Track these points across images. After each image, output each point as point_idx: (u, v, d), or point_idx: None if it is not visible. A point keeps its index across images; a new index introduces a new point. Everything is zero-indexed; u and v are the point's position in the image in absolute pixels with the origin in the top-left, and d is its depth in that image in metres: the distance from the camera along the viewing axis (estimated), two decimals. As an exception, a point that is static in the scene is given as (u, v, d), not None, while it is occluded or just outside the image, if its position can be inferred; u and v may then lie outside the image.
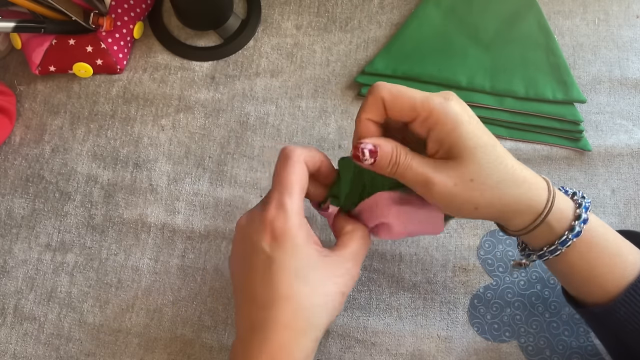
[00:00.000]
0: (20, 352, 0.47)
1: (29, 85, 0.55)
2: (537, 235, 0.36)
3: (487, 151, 0.34)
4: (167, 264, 0.49)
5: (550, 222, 0.35)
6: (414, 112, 0.34)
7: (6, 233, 0.50)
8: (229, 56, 0.55)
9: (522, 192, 0.34)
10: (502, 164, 0.34)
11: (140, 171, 0.52)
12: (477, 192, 0.34)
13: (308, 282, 0.33)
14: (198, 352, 0.46)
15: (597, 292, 0.36)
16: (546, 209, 0.35)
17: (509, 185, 0.34)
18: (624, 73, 0.53)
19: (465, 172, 0.33)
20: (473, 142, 0.33)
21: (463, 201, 0.34)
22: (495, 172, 0.34)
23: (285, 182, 0.35)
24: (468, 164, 0.33)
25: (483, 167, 0.33)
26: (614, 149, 0.51)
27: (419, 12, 0.54)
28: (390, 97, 0.34)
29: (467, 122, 0.33)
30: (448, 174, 0.33)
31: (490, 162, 0.34)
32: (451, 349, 0.45)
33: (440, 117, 0.33)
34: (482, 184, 0.33)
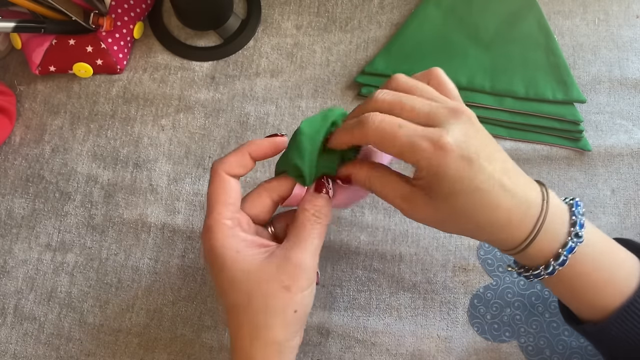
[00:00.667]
0: (20, 352, 0.47)
1: (29, 85, 0.55)
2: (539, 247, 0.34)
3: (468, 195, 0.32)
4: (167, 264, 0.49)
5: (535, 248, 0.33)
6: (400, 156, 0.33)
7: (6, 233, 0.50)
8: (229, 56, 0.55)
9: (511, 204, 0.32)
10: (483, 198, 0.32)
11: (140, 171, 0.52)
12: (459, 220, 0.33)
13: (242, 289, 0.34)
14: (198, 352, 0.46)
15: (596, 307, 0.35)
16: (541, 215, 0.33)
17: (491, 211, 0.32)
18: (624, 73, 0.53)
19: (436, 212, 0.33)
20: (459, 186, 0.31)
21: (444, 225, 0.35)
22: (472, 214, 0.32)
23: (208, 202, 0.35)
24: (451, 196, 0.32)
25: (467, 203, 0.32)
26: (613, 149, 0.51)
27: (419, 12, 0.54)
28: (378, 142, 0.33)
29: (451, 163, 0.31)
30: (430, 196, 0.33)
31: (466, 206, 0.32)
32: (451, 349, 0.45)
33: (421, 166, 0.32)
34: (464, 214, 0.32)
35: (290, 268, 0.33)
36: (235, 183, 0.36)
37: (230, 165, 0.36)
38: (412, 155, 0.32)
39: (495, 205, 0.32)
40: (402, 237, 0.49)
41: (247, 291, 0.34)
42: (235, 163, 0.36)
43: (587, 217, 0.44)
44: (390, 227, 0.49)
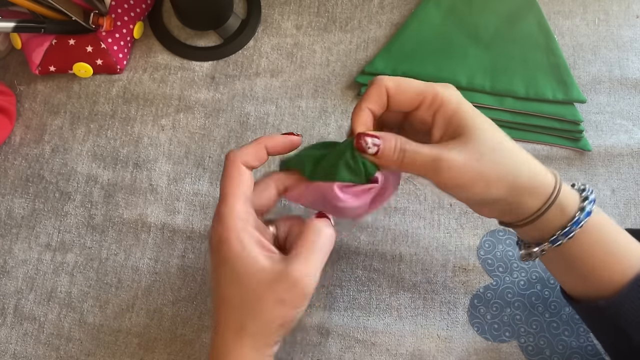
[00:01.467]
0: (20, 352, 0.47)
1: (29, 85, 0.55)
2: (550, 218, 0.35)
3: (493, 130, 0.34)
4: (167, 264, 0.49)
5: (562, 202, 0.34)
6: (420, 96, 0.35)
7: (6, 233, 0.50)
8: (229, 56, 0.55)
9: (531, 169, 0.34)
10: (509, 144, 0.35)
11: (140, 171, 0.52)
12: (487, 166, 0.33)
13: (241, 286, 0.33)
14: (198, 352, 0.46)
15: (605, 282, 0.35)
16: (556, 188, 0.34)
17: (517, 162, 0.34)
18: (624, 73, 0.53)
19: (475, 148, 0.33)
20: (479, 119, 0.34)
21: (474, 177, 0.33)
22: (503, 149, 0.34)
23: (222, 190, 0.35)
24: (477, 139, 0.33)
25: (492, 143, 0.34)
26: (614, 149, 0.51)
27: (419, 12, 0.54)
28: (394, 86, 0.35)
29: (468, 106, 0.34)
30: (458, 150, 0.33)
31: (497, 139, 0.34)
32: (451, 349, 0.45)
33: (444, 98, 0.34)
34: (492, 159, 0.33)
35: (289, 283, 0.32)
36: (249, 175, 0.35)
37: (247, 155, 0.35)
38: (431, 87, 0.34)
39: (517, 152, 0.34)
40: (402, 237, 0.49)
41: (243, 291, 0.33)
42: (252, 154, 0.36)
43: None
44: (390, 227, 0.49)
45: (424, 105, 0.35)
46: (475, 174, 0.33)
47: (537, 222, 0.35)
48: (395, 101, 0.35)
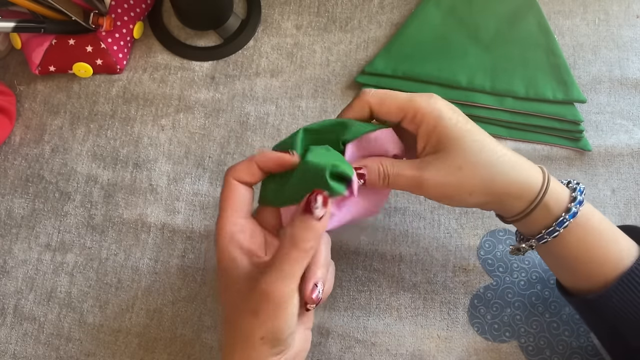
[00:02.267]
0: (20, 352, 0.47)
1: (29, 85, 0.55)
2: (535, 218, 0.37)
3: (472, 138, 0.35)
4: (167, 264, 0.49)
5: (547, 203, 0.36)
6: (401, 112, 0.36)
7: (6, 233, 0.50)
8: (229, 56, 0.55)
9: (515, 175, 0.36)
10: (490, 149, 0.36)
11: (140, 171, 0.52)
12: (467, 178, 0.35)
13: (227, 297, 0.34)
14: (198, 352, 0.46)
15: (593, 277, 0.37)
16: (542, 190, 0.36)
17: (499, 168, 0.35)
18: (624, 73, 0.53)
19: (453, 161, 0.35)
20: (457, 131, 0.35)
21: (456, 189, 0.35)
22: (482, 156, 0.35)
23: (220, 205, 0.36)
24: (455, 152, 0.35)
25: (470, 154, 0.35)
26: (614, 149, 0.51)
27: (419, 12, 0.54)
28: (377, 102, 0.37)
29: (450, 115, 0.36)
30: (437, 167, 0.35)
31: (476, 148, 0.35)
32: (451, 349, 0.45)
33: (425, 113, 0.35)
34: (471, 170, 0.35)
35: (258, 294, 0.32)
36: (243, 189, 0.36)
37: (239, 172, 0.36)
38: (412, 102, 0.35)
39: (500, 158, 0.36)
40: (402, 237, 0.49)
41: (228, 302, 0.34)
42: (243, 171, 0.36)
43: None
44: (390, 227, 0.49)
45: (406, 119, 0.36)
46: (455, 187, 0.35)
47: (524, 221, 0.37)
48: (379, 114, 0.37)
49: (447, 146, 0.35)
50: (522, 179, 0.36)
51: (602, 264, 0.36)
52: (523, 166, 0.36)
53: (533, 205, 0.36)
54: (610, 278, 0.36)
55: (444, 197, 0.36)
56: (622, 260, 0.36)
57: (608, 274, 0.36)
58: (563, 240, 0.37)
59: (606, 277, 0.36)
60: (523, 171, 0.36)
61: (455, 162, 0.35)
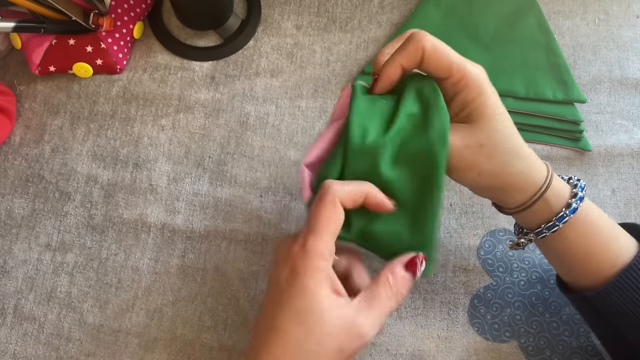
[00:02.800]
0: (20, 352, 0.47)
1: (29, 85, 0.55)
2: (536, 211, 0.37)
3: (502, 122, 0.35)
4: (167, 264, 0.49)
5: (548, 198, 0.36)
6: (448, 72, 0.35)
7: (6, 233, 0.50)
8: (229, 56, 0.55)
9: (524, 166, 0.36)
10: (512, 137, 0.36)
11: (140, 171, 0.52)
12: (484, 157, 0.35)
13: (305, 325, 0.32)
14: (198, 352, 0.46)
15: (592, 273, 0.37)
16: (545, 184, 0.36)
17: (514, 157, 0.36)
18: (624, 73, 0.53)
19: (478, 136, 0.35)
20: (492, 110, 0.35)
21: (469, 163, 0.35)
22: (505, 142, 0.35)
23: (314, 222, 0.33)
24: (482, 129, 0.35)
25: (495, 135, 0.35)
26: (614, 149, 0.51)
27: (419, 12, 0.54)
28: (431, 51, 0.35)
29: (490, 93, 0.36)
30: (462, 135, 0.35)
31: (502, 132, 0.35)
32: (451, 349, 0.45)
33: (469, 83, 0.35)
34: (490, 150, 0.35)
35: (354, 334, 0.32)
36: (342, 213, 0.34)
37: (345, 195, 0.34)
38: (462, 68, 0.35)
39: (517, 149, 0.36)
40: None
41: (303, 331, 0.32)
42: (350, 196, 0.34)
43: None
44: (390, 227, 0.49)
45: (449, 81, 0.36)
46: (469, 162, 0.35)
47: (523, 213, 0.37)
48: (427, 62, 0.36)
49: (478, 120, 0.35)
50: (529, 172, 0.36)
51: (601, 261, 0.36)
52: (532, 160, 0.37)
53: (535, 199, 0.36)
54: (609, 274, 0.36)
55: (455, 167, 0.36)
56: (621, 257, 0.36)
57: (607, 270, 0.36)
58: (562, 236, 0.37)
59: (605, 274, 0.36)
60: (532, 164, 0.36)
61: (480, 138, 0.35)
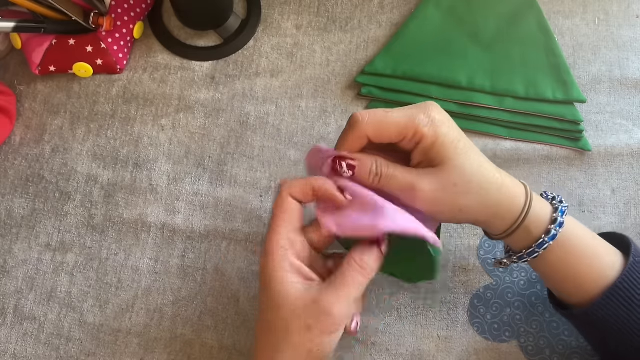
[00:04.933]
0: (20, 352, 0.47)
1: (29, 85, 0.55)
2: (517, 238, 0.37)
3: (467, 157, 0.35)
4: (167, 264, 0.49)
5: (528, 226, 0.36)
6: (401, 136, 0.36)
7: (6, 233, 0.50)
8: (229, 56, 0.55)
9: (502, 197, 0.36)
10: (482, 168, 0.36)
11: (140, 171, 0.52)
12: (460, 195, 0.35)
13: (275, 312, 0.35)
14: (198, 352, 0.46)
15: (577, 293, 0.37)
16: (523, 213, 0.36)
17: (490, 189, 0.36)
18: (624, 73, 0.53)
19: (449, 178, 0.35)
20: (454, 149, 0.35)
21: (448, 204, 0.36)
22: (476, 176, 0.36)
23: (272, 219, 0.37)
24: (451, 169, 0.35)
25: (465, 172, 0.35)
26: (614, 149, 0.51)
27: (419, 12, 0.54)
28: (374, 131, 0.36)
29: (446, 131, 0.35)
30: (432, 180, 0.35)
31: (470, 167, 0.35)
32: (451, 349, 0.45)
33: (424, 134, 0.35)
34: (464, 187, 0.35)
35: (316, 310, 0.34)
36: (295, 205, 0.37)
37: (293, 189, 0.37)
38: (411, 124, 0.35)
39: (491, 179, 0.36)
40: (402, 237, 0.49)
41: (276, 317, 0.35)
42: (298, 189, 0.37)
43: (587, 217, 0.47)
44: (390, 227, 0.49)
45: (406, 140, 0.36)
46: (448, 203, 0.36)
47: (507, 239, 0.38)
48: (378, 140, 0.36)
49: (444, 162, 0.35)
50: (509, 201, 0.36)
51: (584, 282, 0.37)
52: (509, 186, 0.36)
53: (514, 227, 0.37)
54: (594, 294, 0.36)
55: (434, 209, 0.36)
56: (606, 277, 0.36)
57: (592, 289, 0.36)
58: (544, 259, 0.37)
59: (591, 292, 0.36)
60: (509, 192, 0.36)
61: (451, 179, 0.35)
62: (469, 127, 0.51)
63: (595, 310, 0.36)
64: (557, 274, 0.38)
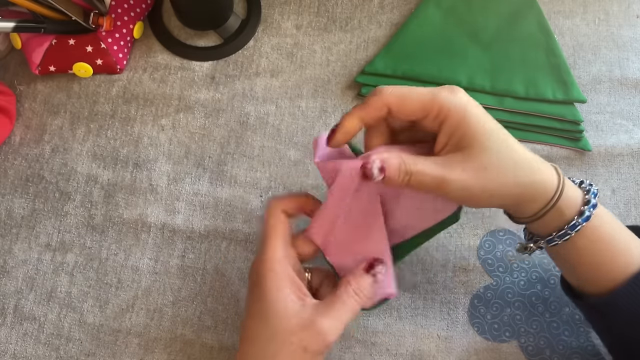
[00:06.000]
0: (20, 352, 0.47)
1: (29, 85, 0.55)
2: (547, 220, 0.36)
3: (497, 137, 0.34)
4: (167, 264, 0.49)
5: (561, 207, 0.35)
6: (424, 111, 0.34)
7: (6, 233, 0.50)
8: (229, 56, 0.55)
9: (535, 177, 0.34)
10: (513, 149, 0.34)
11: (140, 171, 0.52)
12: (492, 179, 0.33)
13: (269, 325, 0.35)
14: (198, 352, 0.46)
15: (601, 281, 0.36)
16: (557, 194, 0.35)
17: (521, 170, 0.34)
18: (624, 73, 0.53)
19: (478, 161, 0.33)
20: (482, 128, 0.33)
21: (479, 191, 0.34)
22: (507, 157, 0.34)
23: (264, 233, 0.37)
24: (480, 152, 0.33)
25: (495, 154, 0.33)
26: (614, 149, 0.51)
27: (419, 12, 0.54)
28: (397, 102, 0.34)
29: (475, 111, 0.34)
30: (462, 168, 0.33)
31: (501, 147, 0.34)
32: (451, 349, 0.45)
33: (450, 110, 0.33)
34: (496, 170, 0.33)
35: (314, 332, 0.34)
36: (286, 219, 0.38)
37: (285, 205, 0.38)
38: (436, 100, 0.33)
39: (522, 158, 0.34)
40: (402, 237, 0.49)
41: (270, 330, 0.35)
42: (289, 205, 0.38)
43: None
44: (390, 227, 0.49)
45: (429, 117, 0.34)
46: (479, 189, 0.33)
47: (536, 222, 0.36)
48: (399, 114, 0.35)
49: (472, 144, 0.33)
50: (540, 182, 0.34)
51: (610, 268, 0.36)
52: (540, 167, 0.35)
53: (547, 208, 0.35)
54: (618, 282, 0.35)
55: (466, 198, 0.34)
56: (631, 265, 0.35)
57: (616, 278, 0.35)
58: (573, 243, 0.36)
59: (614, 282, 0.35)
60: (540, 173, 0.35)
61: (481, 162, 0.33)
62: (469, 127, 0.51)
63: (616, 299, 0.35)
64: (584, 260, 0.36)
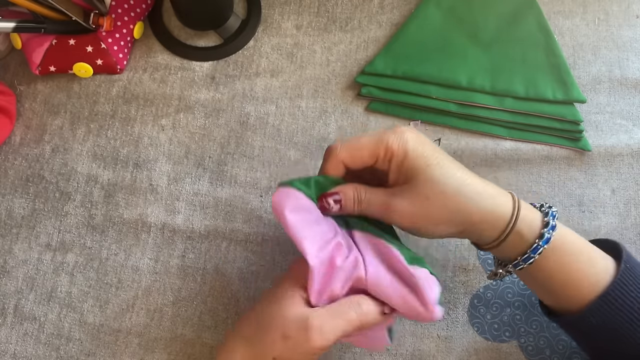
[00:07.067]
0: (20, 352, 0.47)
1: (29, 85, 0.55)
2: (510, 245, 0.37)
3: (439, 168, 0.35)
4: (167, 264, 0.49)
5: (521, 231, 0.36)
6: (374, 156, 0.37)
7: (6, 233, 0.50)
8: (229, 56, 0.55)
9: (482, 204, 0.36)
10: (455, 177, 0.36)
11: (140, 171, 0.52)
12: (434, 207, 0.35)
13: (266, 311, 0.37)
14: (198, 352, 0.46)
15: (571, 298, 0.37)
16: (512, 218, 0.36)
17: (467, 197, 0.35)
18: (624, 73, 0.53)
19: (420, 191, 0.35)
20: (423, 161, 0.36)
21: (423, 219, 0.36)
22: (450, 186, 0.35)
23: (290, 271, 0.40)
24: (424, 183, 0.35)
25: (437, 183, 0.35)
26: (614, 149, 0.51)
27: (419, 12, 0.54)
28: (349, 156, 0.37)
29: (416, 147, 0.36)
30: (405, 197, 0.36)
31: (443, 177, 0.35)
32: (451, 348, 0.45)
33: (394, 150, 0.36)
34: (438, 199, 0.35)
35: (301, 325, 0.34)
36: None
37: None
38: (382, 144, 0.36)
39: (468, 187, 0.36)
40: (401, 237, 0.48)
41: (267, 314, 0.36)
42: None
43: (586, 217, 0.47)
44: (390, 227, 0.49)
45: (379, 160, 0.37)
46: (423, 217, 0.36)
47: (498, 248, 0.37)
48: (354, 167, 0.38)
49: (415, 176, 0.36)
50: (490, 208, 0.36)
51: (579, 287, 0.36)
52: (490, 194, 0.36)
53: (505, 234, 0.36)
54: (587, 300, 0.36)
55: (412, 226, 0.37)
56: (598, 282, 0.36)
57: (585, 296, 0.36)
58: (539, 265, 0.37)
59: (583, 299, 0.36)
60: (490, 199, 0.36)
61: (422, 192, 0.35)
62: (469, 127, 0.51)
63: (589, 316, 0.36)
64: (551, 281, 0.37)
